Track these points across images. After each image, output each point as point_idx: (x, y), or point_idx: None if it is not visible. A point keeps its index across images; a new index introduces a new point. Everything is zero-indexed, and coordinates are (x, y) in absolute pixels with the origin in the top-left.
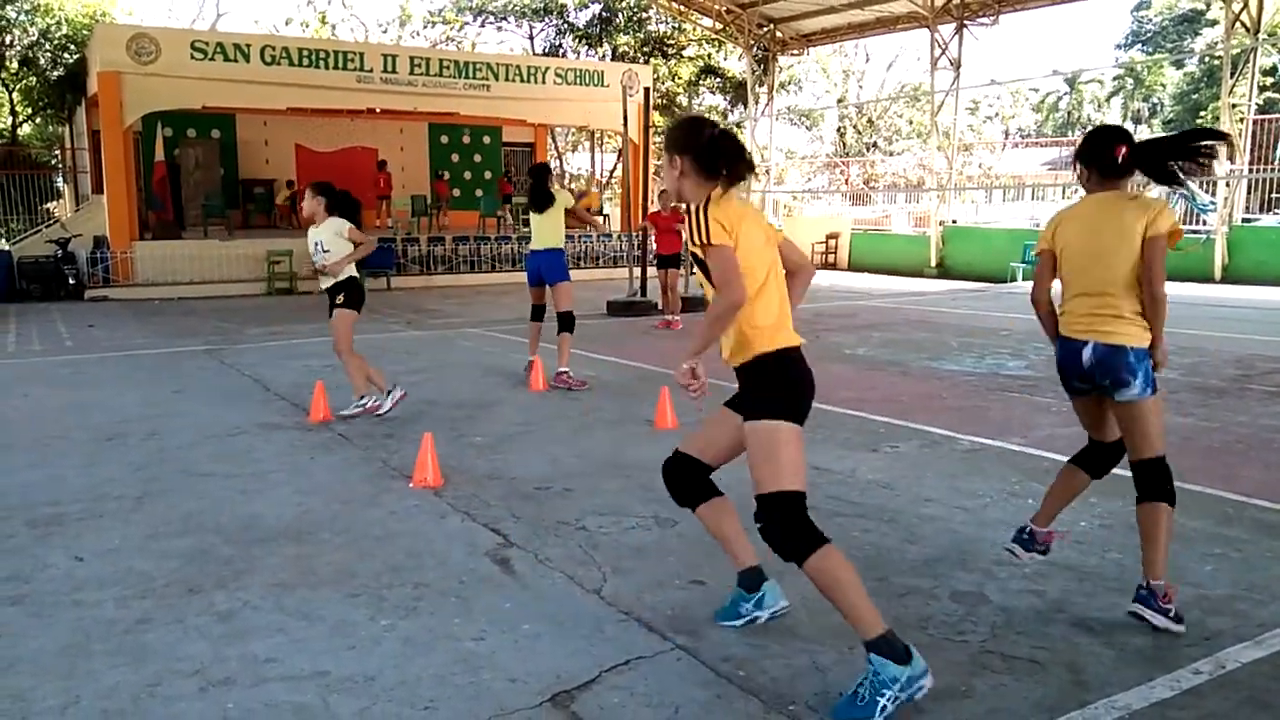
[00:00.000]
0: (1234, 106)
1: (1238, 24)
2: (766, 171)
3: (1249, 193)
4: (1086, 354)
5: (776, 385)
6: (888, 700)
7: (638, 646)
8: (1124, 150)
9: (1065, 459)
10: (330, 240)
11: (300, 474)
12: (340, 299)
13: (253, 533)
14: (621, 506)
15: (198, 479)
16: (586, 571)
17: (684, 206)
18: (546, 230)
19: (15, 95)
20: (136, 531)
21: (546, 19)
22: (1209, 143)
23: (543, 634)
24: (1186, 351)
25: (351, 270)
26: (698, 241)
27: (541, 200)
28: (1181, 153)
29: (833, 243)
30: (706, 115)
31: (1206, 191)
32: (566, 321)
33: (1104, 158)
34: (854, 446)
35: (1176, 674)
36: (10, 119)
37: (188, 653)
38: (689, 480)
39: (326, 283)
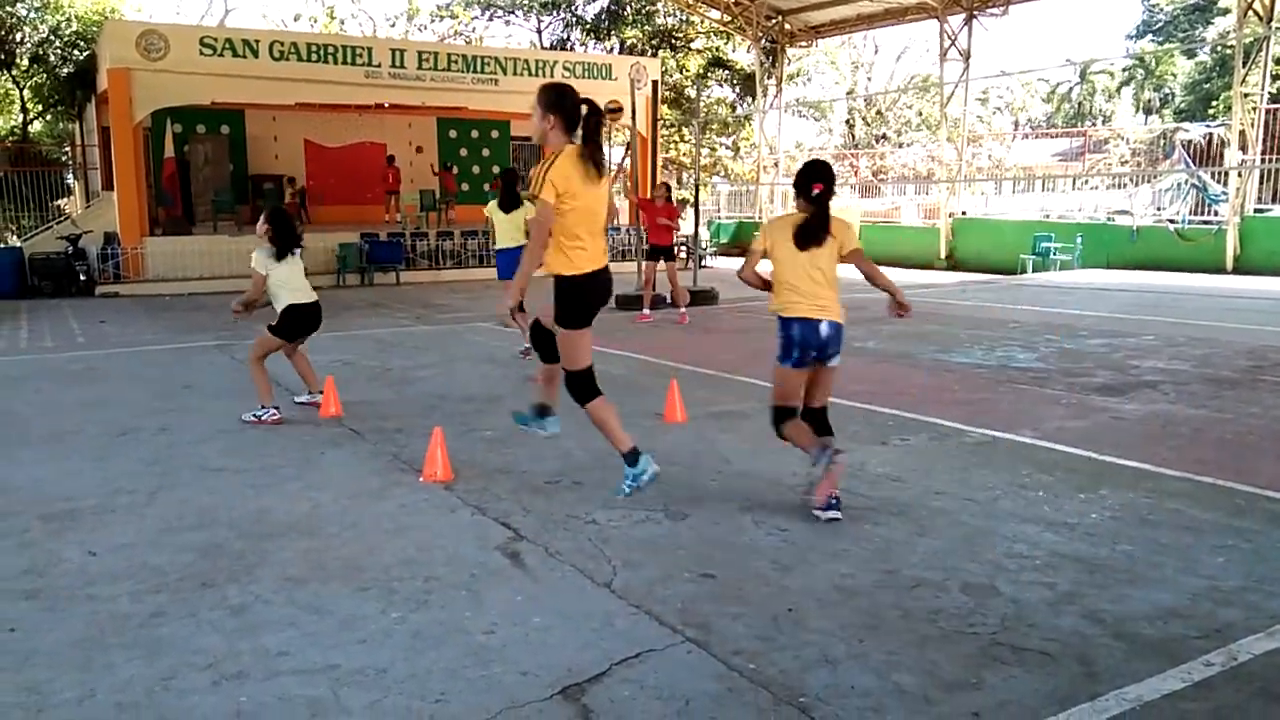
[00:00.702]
0: (1246, 96)
1: (1250, 12)
2: (775, 164)
3: (1261, 183)
4: (824, 329)
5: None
6: (627, 484)
7: (648, 639)
8: (819, 186)
9: (1076, 451)
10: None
11: (311, 468)
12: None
13: (264, 527)
14: (631, 500)
15: (209, 474)
16: (597, 565)
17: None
18: (510, 230)
19: (26, 92)
20: (149, 526)
21: (554, 12)
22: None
23: (553, 627)
24: (1198, 343)
25: (291, 300)
26: (534, 191)
27: (511, 202)
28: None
29: None
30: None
31: (1218, 182)
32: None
33: (804, 189)
34: (864, 440)
35: (1188, 666)
36: (21, 116)
37: (201, 646)
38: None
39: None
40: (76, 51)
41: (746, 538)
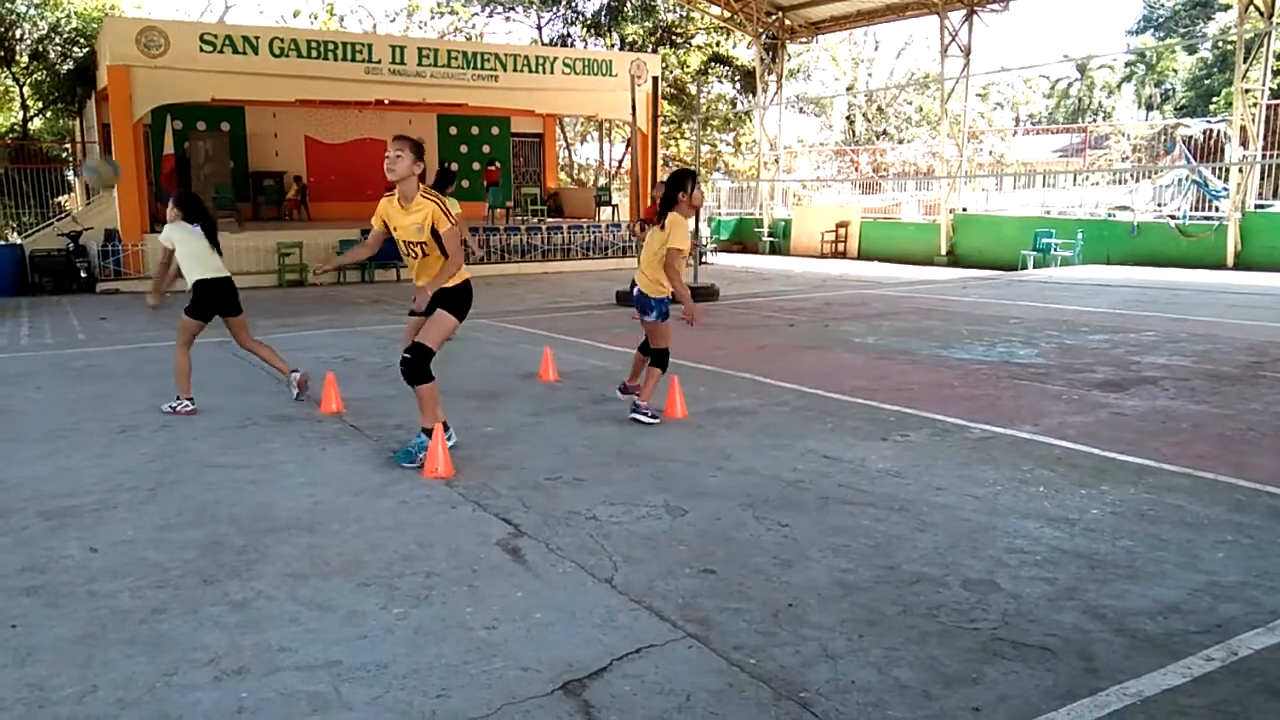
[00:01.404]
0: (1247, 91)
1: (1251, 8)
2: (776, 160)
3: (1262, 179)
4: (635, 293)
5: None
6: (415, 449)
7: (649, 635)
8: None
9: (1076, 446)
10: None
11: (311, 465)
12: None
13: (265, 523)
14: (632, 496)
15: (210, 470)
16: (598, 560)
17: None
18: None
19: (26, 89)
20: (150, 522)
21: (554, 8)
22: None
23: (554, 623)
24: (1199, 339)
25: (201, 274)
26: (450, 221)
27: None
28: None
29: (842, 231)
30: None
31: (1219, 178)
32: None
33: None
34: (864, 435)
35: (1188, 661)
36: (21, 113)
37: (203, 642)
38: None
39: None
40: (76, 48)
41: (747, 533)
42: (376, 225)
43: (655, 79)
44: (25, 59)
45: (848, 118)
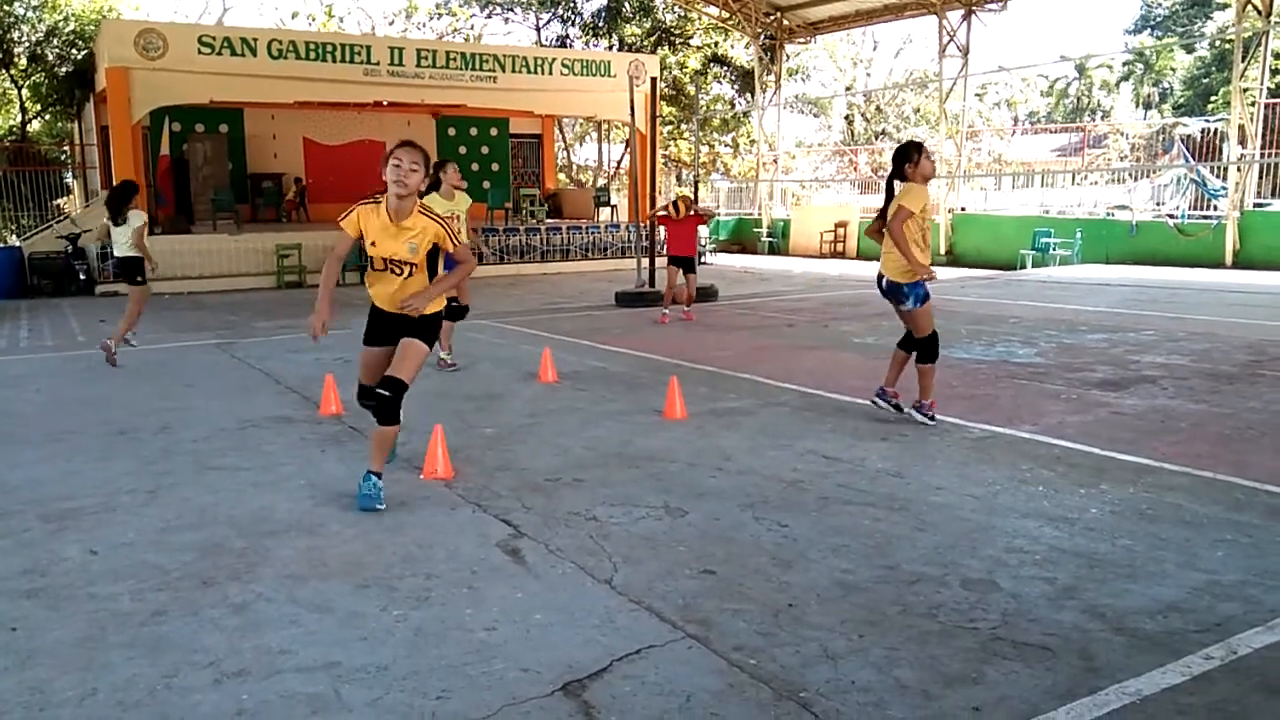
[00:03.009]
0: (1245, 90)
1: (1249, 7)
2: (774, 161)
3: (1260, 178)
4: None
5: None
6: (374, 494)
7: (649, 636)
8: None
9: (1075, 446)
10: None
11: (311, 466)
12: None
13: (265, 525)
14: (631, 496)
15: (210, 472)
16: (597, 561)
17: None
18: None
19: (24, 92)
20: (150, 525)
21: (553, 9)
22: None
23: (554, 624)
24: (1197, 337)
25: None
26: (455, 243)
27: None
28: None
29: (841, 231)
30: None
31: (1217, 177)
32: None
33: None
34: (863, 435)
35: (1188, 659)
36: (20, 115)
37: (203, 644)
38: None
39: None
40: (75, 50)
41: (747, 534)
42: (351, 234)
43: (654, 80)
44: (24, 61)
45: (846, 118)
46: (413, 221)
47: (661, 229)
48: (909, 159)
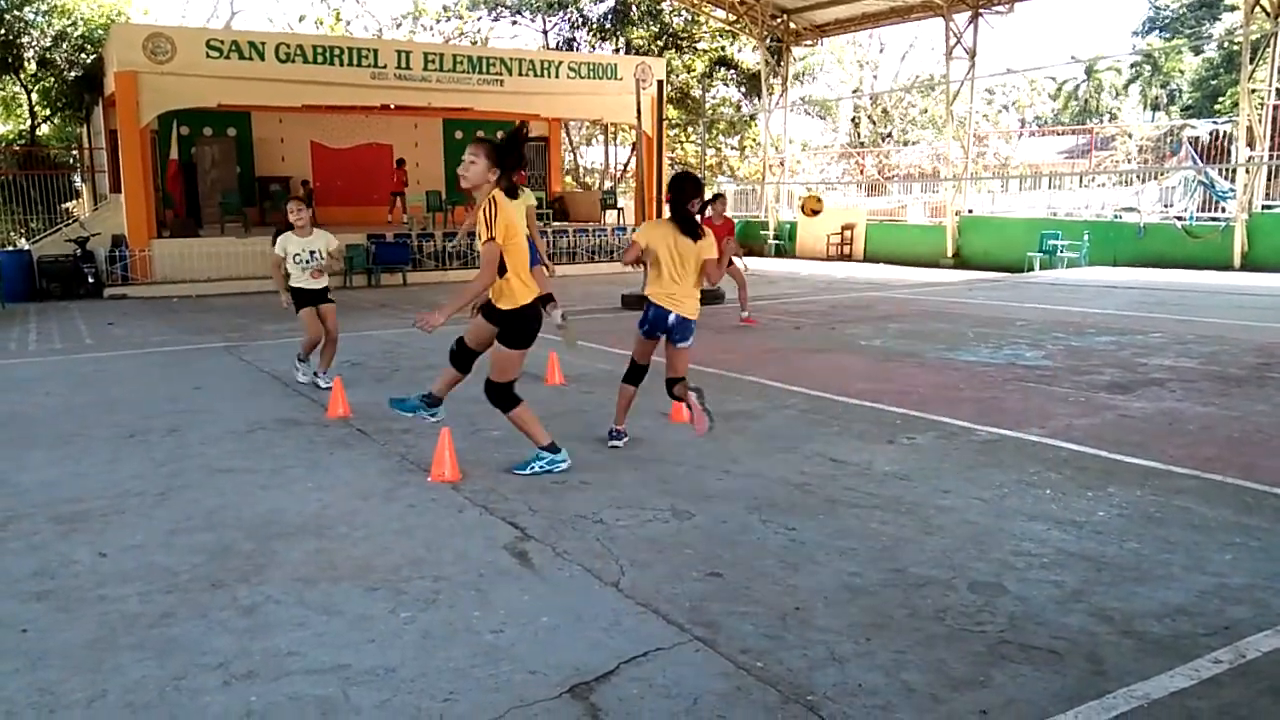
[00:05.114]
0: (1253, 92)
1: (1257, 8)
2: (781, 163)
3: (1269, 179)
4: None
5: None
6: (537, 465)
7: (656, 638)
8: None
9: (1083, 449)
10: (324, 249)
11: (319, 469)
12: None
13: (273, 528)
14: (638, 499)
15: (218, 475)
16: (604, 564)
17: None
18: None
19: (34, 96)
20: (159, 527)
21: (560, 12)
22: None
23: (561, 626)
24: (1206, 340)
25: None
26: (490, 233)
27: (512, 192)
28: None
29: (848, 234)
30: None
31: (1225, 178)
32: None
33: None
34: (871, 439)
35: (1196, 663)
36: (29, 120)
37: (212, 646)
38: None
39: (321, 283)
40: (83, 55)
41: (754, 537)
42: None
43: (660, 83)
44: (33, 66)
45: (853, 120)
46: (479, 209)
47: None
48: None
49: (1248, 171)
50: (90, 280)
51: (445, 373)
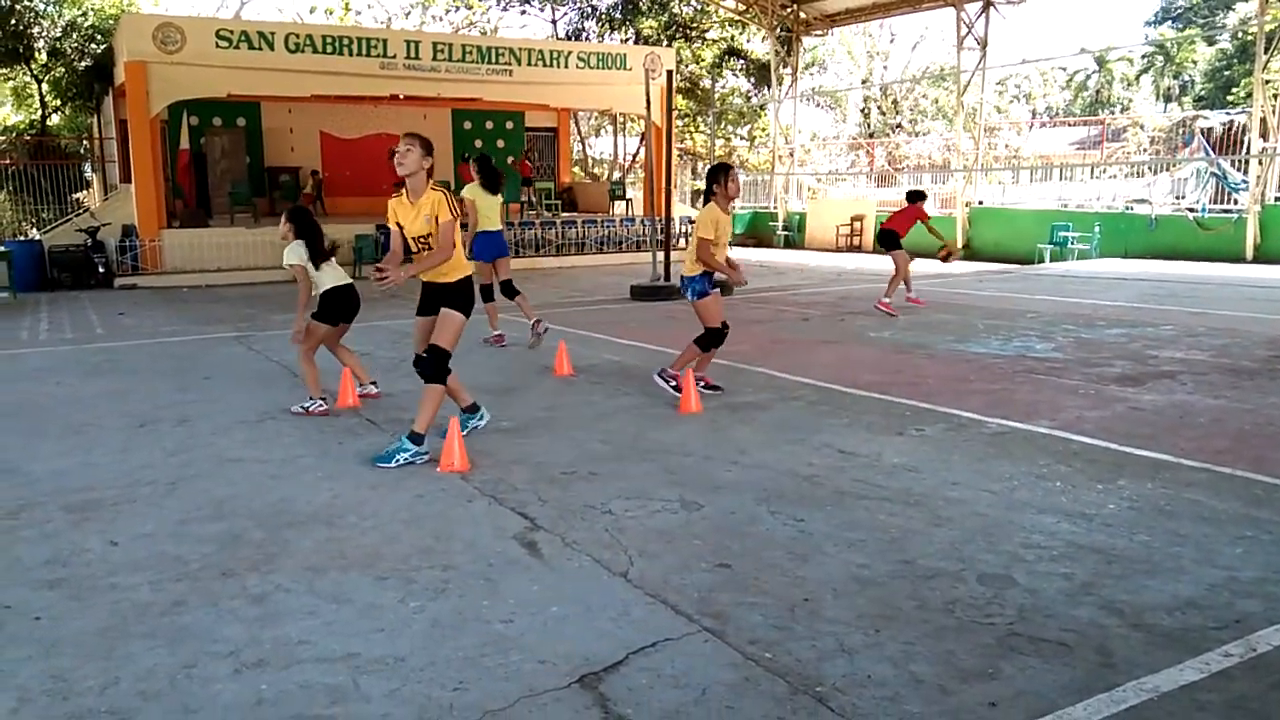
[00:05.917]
0: (1267, 82)
1: None
2: (790, 154)
3: None
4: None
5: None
6: (401, 456)
7: (664, 629)
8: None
9: (1093, 441)
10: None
11: (329, 459)
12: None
13: (283, 517)
14: (647, 490)
15: (229, 464)
16: (613, 554)
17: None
18: (499, 212)
19: (44, 86)
20: (170, 516)
21: (570, 2)
22: None
23: (570, 616)
24: (1217, 332)
25: (330, 283)
26: (452, 213)
27: (494, 185)
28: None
29: (858, 225)
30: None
31: (1238, 170)
32: (510, 288)
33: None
34: (880, 430)
35: (1206, 656)
36: (40, 110)
37: (222, 635)
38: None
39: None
40: (94, 45)
41: (762, 528)
42: (392, 226)
43: (670, 73)
44: (43, 56)
45: (863, 111)
46: (425, 195)
47: (676, 223)
48: (716, 181)
49: (1260, 163)
50: (101, 270)
51: (426, 397)
